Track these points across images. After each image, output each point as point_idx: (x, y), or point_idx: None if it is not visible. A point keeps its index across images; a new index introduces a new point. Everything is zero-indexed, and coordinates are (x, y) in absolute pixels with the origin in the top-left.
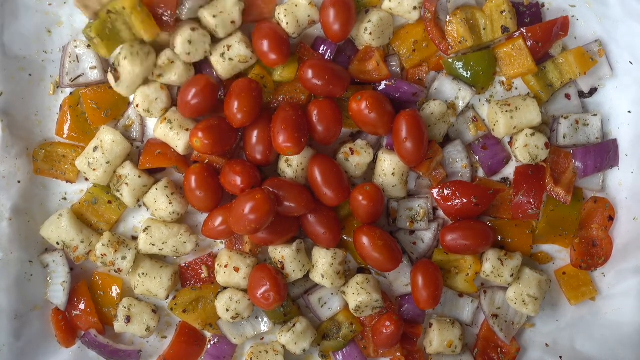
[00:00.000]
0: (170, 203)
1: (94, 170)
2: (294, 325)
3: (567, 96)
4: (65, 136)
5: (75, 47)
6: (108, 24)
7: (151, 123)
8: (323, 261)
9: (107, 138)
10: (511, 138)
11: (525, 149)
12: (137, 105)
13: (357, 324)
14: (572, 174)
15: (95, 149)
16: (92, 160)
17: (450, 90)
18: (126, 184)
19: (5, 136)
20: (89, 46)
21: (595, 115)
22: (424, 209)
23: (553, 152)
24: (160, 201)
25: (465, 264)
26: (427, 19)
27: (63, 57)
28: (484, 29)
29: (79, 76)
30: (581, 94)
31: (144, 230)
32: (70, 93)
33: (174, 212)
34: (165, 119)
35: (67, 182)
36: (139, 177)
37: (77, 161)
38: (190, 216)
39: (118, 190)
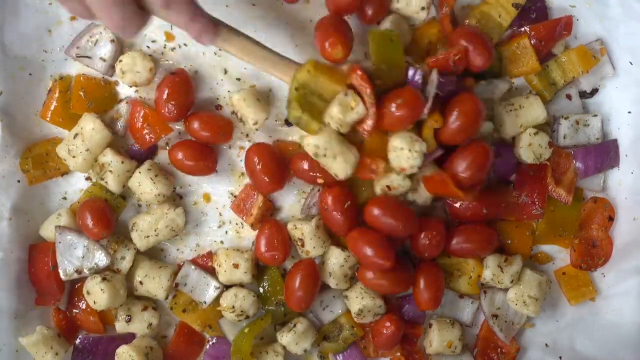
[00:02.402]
0: (154, 184)
1: (74, 157)
2: (294, 325)
3: (568, 96)
4: (49, 119)
5: (101, 32)
6: (302, 99)
7: None
8: (334, 260)
9: (88, 126)
10: (514, 139)
11: (530, 148)
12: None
13: (358, 328)
14: (573, 175)
15: (75, 136)
16: (72, 147)
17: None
18: (110, 171)
19: (5, 136)
20: (112, 41)
21: (595, 115)
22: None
23: (554, 153)
24: (144, 184)
25: (468, 267)
26: (445, 13)
27: (85, 31)
28: (500, 17)
29: (86, 56)
30: (583, 94)
31: (132, 228)
32: (61, 78)
33: (159, 194)
34: None
35: (63, 175)
36: (122, 162)
37: (58, 148)
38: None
39: (102, 179)
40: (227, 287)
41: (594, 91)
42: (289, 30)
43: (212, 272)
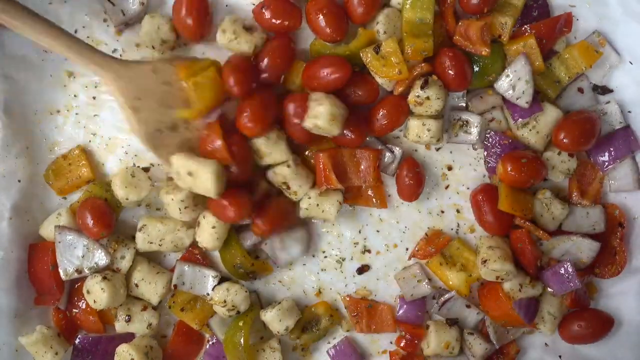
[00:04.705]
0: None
1: None
2: (279, 302)
3: (580, 90)
4: None
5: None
6: None
7: None
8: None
9: None
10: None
11: (556, 169)
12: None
13: (336, 316)
14: (598, 184)
15: None
16: None
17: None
18: None
19: (5, 135)
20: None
21: (608, 102)
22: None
23: (580, 165)
24: None
25: (473, 267)
26: (449, 4)
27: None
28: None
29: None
30: (595, 88)
31: (140, 229)
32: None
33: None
34: None
35: (89, 183)
36: None
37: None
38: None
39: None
40: (222, 279)
41: (605, 89)
42: None
43: (204, 264)
